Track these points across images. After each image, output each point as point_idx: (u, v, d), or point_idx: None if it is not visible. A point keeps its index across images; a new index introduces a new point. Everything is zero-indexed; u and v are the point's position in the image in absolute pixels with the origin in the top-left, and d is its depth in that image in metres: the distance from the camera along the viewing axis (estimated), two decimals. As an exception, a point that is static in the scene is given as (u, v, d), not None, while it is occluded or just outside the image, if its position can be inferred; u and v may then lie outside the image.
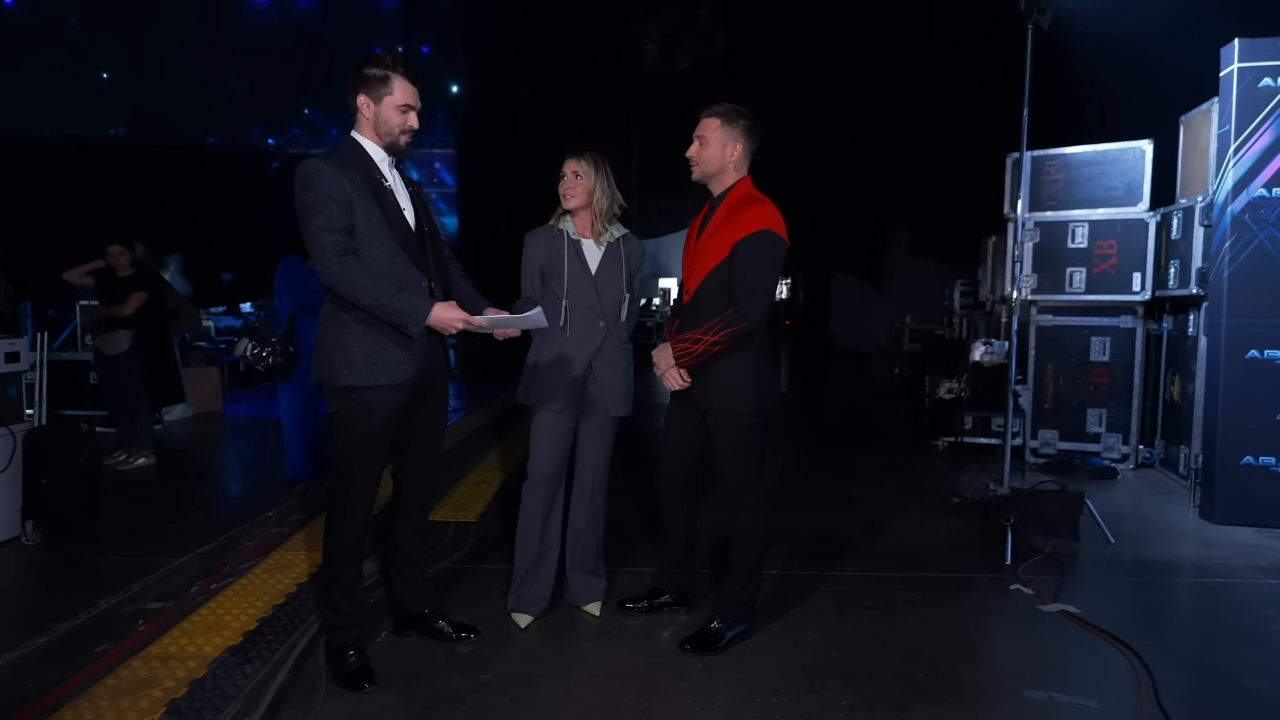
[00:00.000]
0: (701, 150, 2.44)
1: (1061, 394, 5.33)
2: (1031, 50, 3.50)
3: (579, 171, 2.64)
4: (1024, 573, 3.22)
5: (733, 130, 2.43)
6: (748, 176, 2.50)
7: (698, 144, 2.44)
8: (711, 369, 2.43)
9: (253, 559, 3.30)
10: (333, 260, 2.13)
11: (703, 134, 2.43)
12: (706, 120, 2.44)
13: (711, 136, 2.42)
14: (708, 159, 2.44)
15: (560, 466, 2.73)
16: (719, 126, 2.42)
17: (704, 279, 2.44)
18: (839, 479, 4.91)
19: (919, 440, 6.07)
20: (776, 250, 2.40)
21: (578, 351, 2.65)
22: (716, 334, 2.33)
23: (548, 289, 2.69)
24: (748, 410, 2.46)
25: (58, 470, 3.51)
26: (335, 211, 2.15)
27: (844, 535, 3.76)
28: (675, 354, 2.39)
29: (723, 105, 2.44)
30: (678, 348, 2.39)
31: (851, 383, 9.85)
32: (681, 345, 2.38)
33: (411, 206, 2.34)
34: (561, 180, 2.66)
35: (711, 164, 2.45)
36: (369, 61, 2.26)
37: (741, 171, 2.49)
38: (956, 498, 4.15)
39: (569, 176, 2.65)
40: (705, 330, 2.34)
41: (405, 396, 2.29)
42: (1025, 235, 5.24)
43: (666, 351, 2.44)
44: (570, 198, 2.64)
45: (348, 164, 2.22)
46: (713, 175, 2.47)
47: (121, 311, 4.88)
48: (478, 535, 3.68)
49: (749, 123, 2.45)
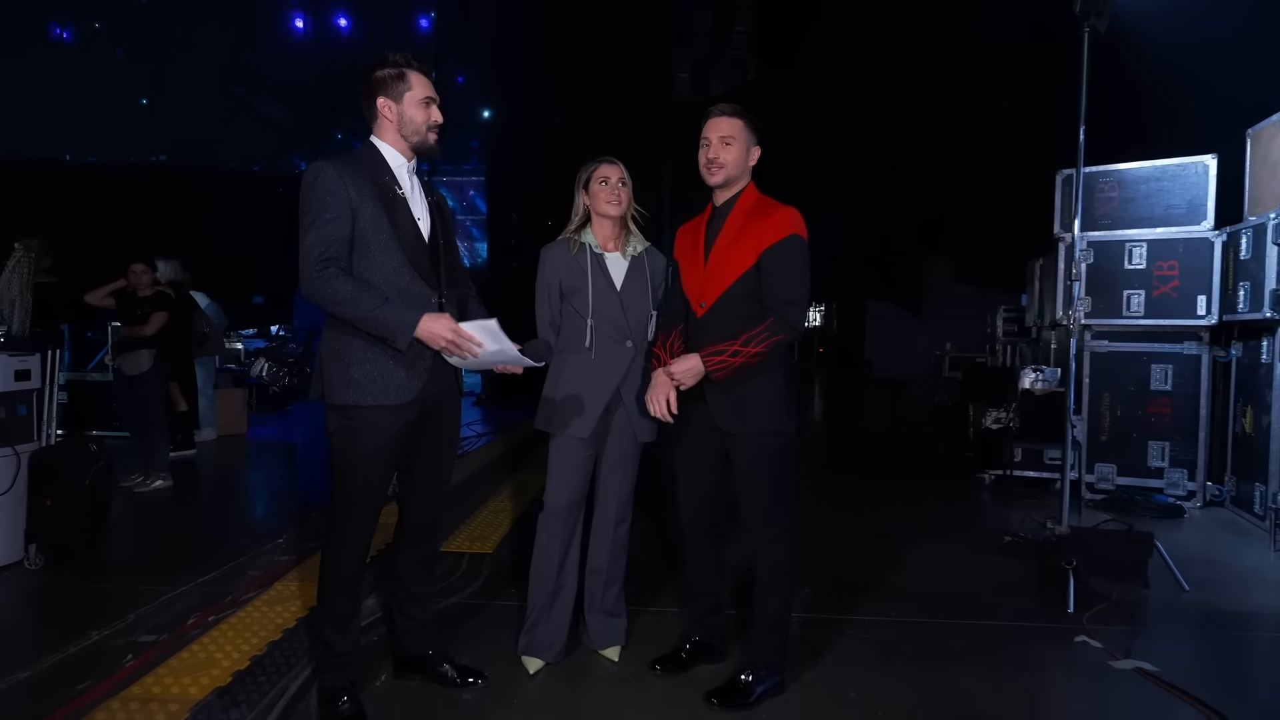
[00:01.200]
0: (727, 151, 2.23)
1: (1119, 425, 4.97)
2: (1088, 57, 3.26)
3: (625, 179, 2.49)
4: (1089, 622, 2.90)
5: (753, 133, 2.28)
6: (752, 182, 2.34)
7: (721, 144, 2.23)
8: (739, 387, 2.23)
9: (256, 589, 3.13)
10: (313, 271, 1.98)
11: (729, 134, 2.23)
12: (729, 120, 2.24)
13: (738, 136, 2.24)
14: (734, 161, 2.24)
15: (580, 497, 2.52)
16: (744, 128, 2.25)
17: (725, 291, 2.24)
18: (878, 513, 4.61)
19: (963, 472, 5.73)
20: (807, 255, 2.24)
21: (604, 374, 2.45)
22: (760, 344, 2.13)
23: (569, 307, 2.50)
24: (778, 428, 2.27)
25: (63, 492, 3.41)
26: (333, 220, 2.00)
27: (884, 574, 3.47)
28: (709, 366, 2.16)
29: (736, 105, 2.27)
30: (712, 360, 2.15)
31: (889, 411, 9.49)
32: (717, 359, 2.15)
33: (428, 217, 2.19)
34: (603, 185, 2.47)
35: (737, 166, 2.26)
36: (378, 64, 2.13)
37: (748, 176, 2.33)
38: (1008, 536, 3.83)
39: (613, 183, 2.47)
40: (745, 341, 2.14)
41: (408, 417, 2.11)
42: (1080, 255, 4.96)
43: (691, 365, 2.18)
44: (616, 204, 2.46)
45: (358, 168, 2.08)
46: (735, 179, 2.28)
47: (142, 331, 4.83)
48: (492, 568, 3.48)
49: (757, 119, 2.30)
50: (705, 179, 2.30)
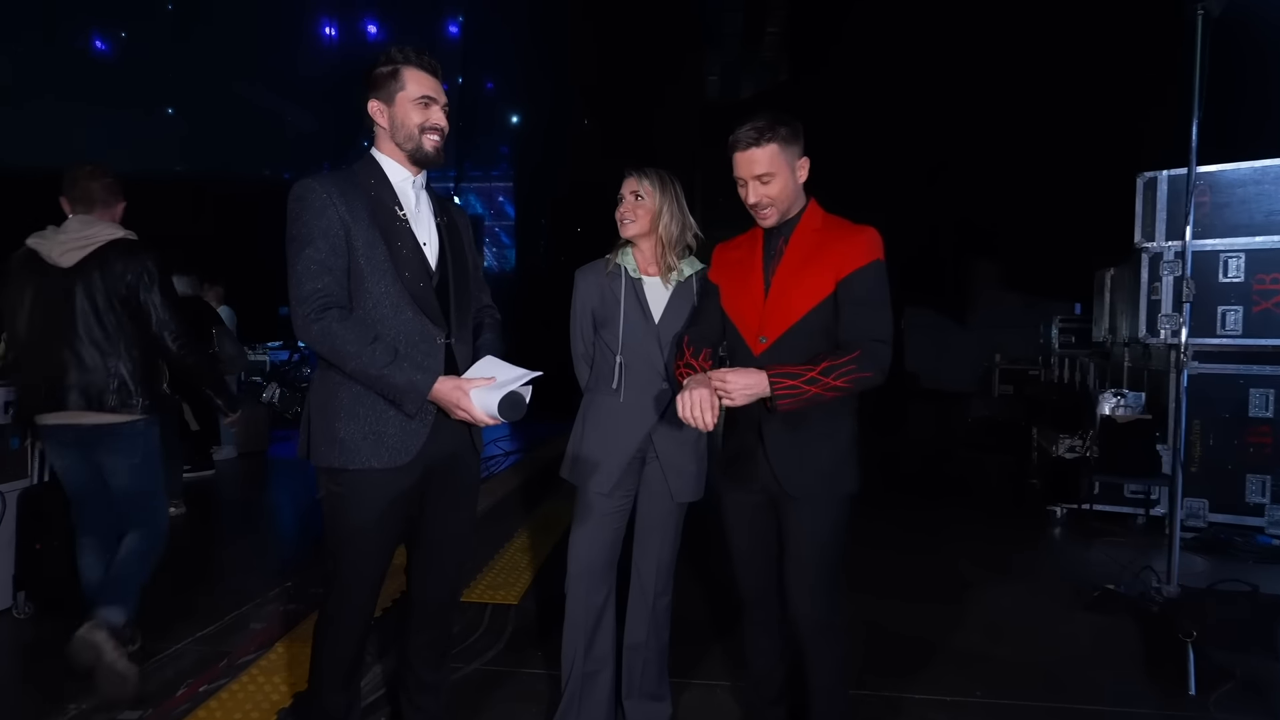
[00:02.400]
0: (769, 188, 1.85)
1: (1211, 455, 4.47)
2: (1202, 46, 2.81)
3: (640, 192, 2.11)
4: (1217, 709, 2.46)
5: (793, 146, 1.86)
6: (813, 198, 1.96)
7: (759, 184, 1.85)
8: (806, 430, 1.85)
9: (255, 649, 2.82)
10: (311, 316, 1.64)
11: (765, 170, 1.83)
12: (758, 150, 1.82)
13: (777, 166, 1.83)
14: (783, 194, 1.86)
15: (609, 562, 2.16)
16: (779, 151, 1.83)
17: (795, 325, 1.85)
18: (936, 554, 4.15)
19: (1029, 503, 5.26)
20: (887, 284, 1.87)
21: (634, 420, 2.09)
22: (843, 378, 1.74)
23: (600, 340, 2.15)
24: (848, 492, 1.91)
25: (53, 535, 3.13)
26: (325, 249, 1.66)
27: (954, 637, 3.04)
28: (776, 390, 1.72)
29: (761, 125, 1.82)
30: (781, 383, 1.72)
31: (936, 428, 8.97)
32: (789, 381, 1.72)
33: (436, 240, 1.83)
34: (619, 203, 2.14)
35: (787, 198, 1.88)
36: (375, 62, 1.79)
37: (803, 194, 1.95)
38: (1097, 590, 3.38)
39: (627, 198, 2.12)
40: (826, 370, 1.73)
41: (408, 481, 1.77)
42: (1168, 269, 4.47)
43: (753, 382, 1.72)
44: (629, 223, 2.11)
45: (351, 185, 1.74)
46: (790, 207, 1.91)
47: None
48: (518, 622, 3.12)
49: (793, 127, 1.87)
50: (758, 222, 1.93)
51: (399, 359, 1.66)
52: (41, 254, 2.46)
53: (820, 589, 1.88)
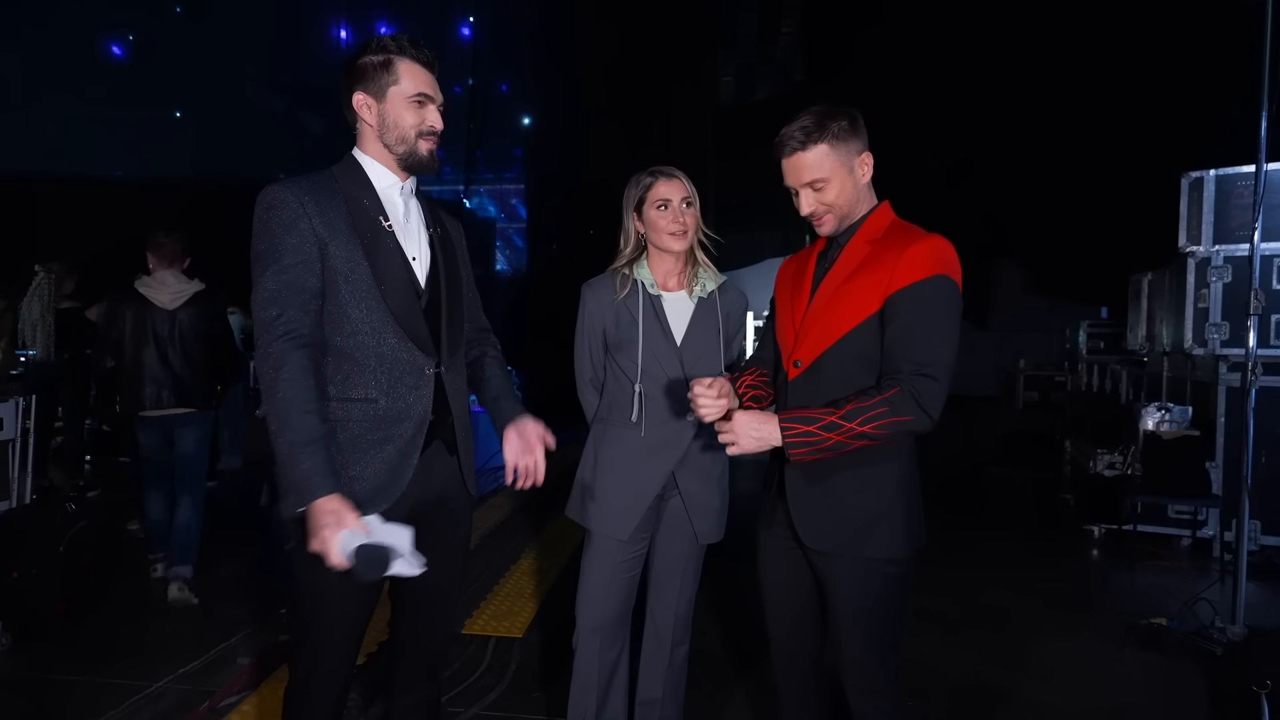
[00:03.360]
0: (824, 194, 1.58)
1: (1264, 474, 4.17)
2: (1275, 32, 2.56)
3: (691, 198, 1.88)
4: (1299, 772, 2.21)
5: (849, 143, 1.57)
6: (886, 201, 1.65)
7: (813, 191, 1.58)
8: (825, 490, 1.57)
9: (239, 690, 2.62)
10: (268, 348, 1.41)
11: (817, 176, 1.56)
12: (806, 154, 1.56)
13: (829, 169, 1.56)
14: (840, 199, 1.59)
15: (623, 613, 1.94)
16: (830, 151, 1.56)
17: (831, 346, 1.57)
18: (965, 577, 3.89)
19: (1064, 522, 4.99)
20: (958, 307, 1.55)
21: (655, 456, 1.87)
22: (873, 423, 1.45)
23: (614, 365, 1.92)
24: (897, 556, 1.58)
25: (31, 562, 2.96)
26: (292, 266, 1.44)
27: (996, 679, 2.79)
28: (787, 437, 1.47)
29: (808, 124, 1.56)
30: (792, 430, 1.47)
31: (960, 437, 8.66)
32: (803, 428, 1.46)
33: (428, 255, 1.60)
34: (662, 211, 1.87)
35: (846, 202, 1.59)
36: (362, 49, 1.57)
37: (871, 194, 1.64)
38: (1147, 623, 3.12)
39: (675, 206, 1.86)
40: (850, 414, 1.45)
41: None
42: (1216, 274, 4.20)
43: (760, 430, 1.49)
44: (681, 234, 1.86)
45: (329, 193, 1.51)
46: (852, 210, 1.62)
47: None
48: (522, 658, 2.91)
49: (849, 118, 1.58)
50: (817, 231, 1.65)
51: (319, 444, 1.39)
52: (149, 298, 3.46)
53: (868, 646, 1.60)
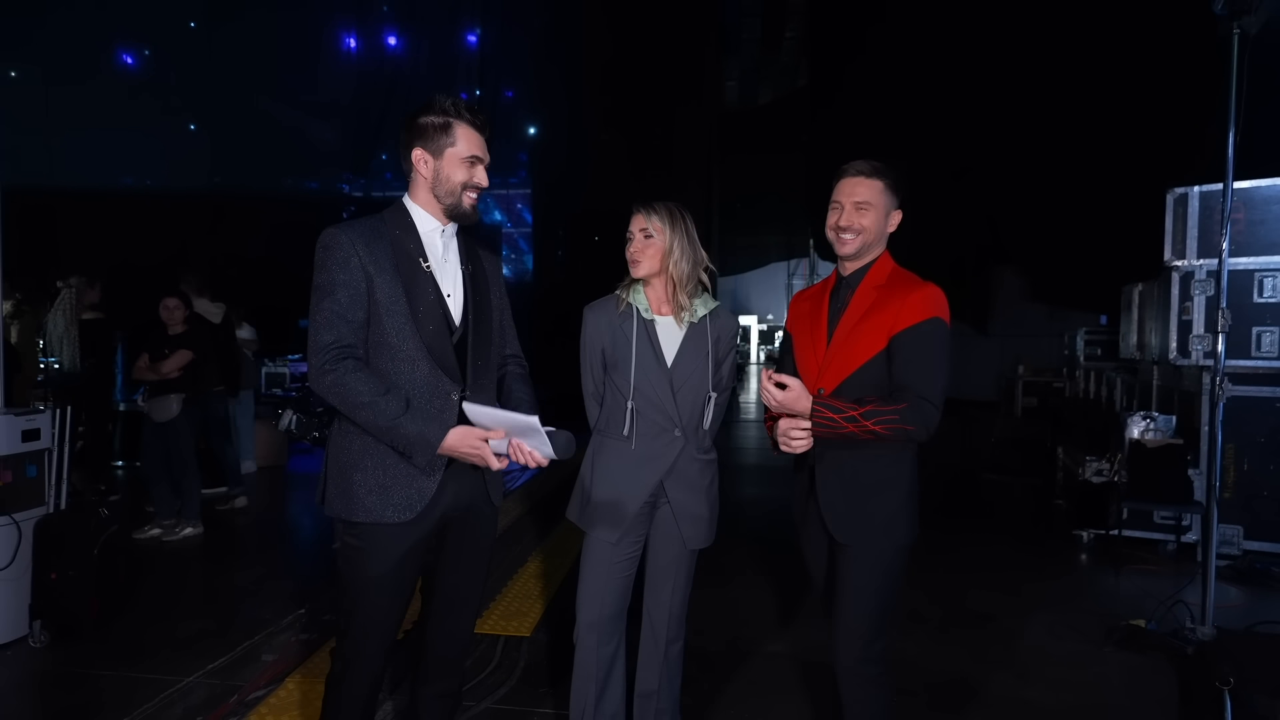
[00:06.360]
0: (862, 216, 1.90)
1: (1245, 481, 4.33)
2: (1239, 64, 2.71)
3: (650, 230, 2.05)
4: (1257, 763, 2.35)
5: (894, 195, 1.94)
6: (887, 250, 1.98)
7: (855, 210, 1.90)
8: (855, 488, 1.88)
9: (265, 685, 2.79)
10: (325, 366, 1.63)
11: (866, 199, 1.89)
12: (868, 182, 1.91)
13: (877, 201, 1.90)
14: (872, 229, 1.90)
15: (620, 610, 2.11)
16: (884, 190, 1.92)
17: (850, 376, 1.88)
18: (955, 580, 4.05)
19: (1056, 527, 5.13)
20: (948, 343, 1.85)
21: (645, 467, 2.04)
22: (882, 424, 1.77)
23: (610, 383, 2.09)
24: (903, 543, 1.91)
25: (69, 564, 3.14)
26: (345, 300, 1.66)
27: (977, 676, 2.95)
28: (814, 417, 1.81)
29: (877, 164, 1.94)
30: (821, 413, 1.80)
31: (956, 442, 8.80)
32: (828, 413, 1.80)
33: (461, 292, 1.80)
34: (629, 242, 2.08)
35: (873, 235, 1.92)
36: (424, 109, 1.75)
37: (884, 244, 1.97)
38: (1126, 625, 3.27)
39: (637, 237, 2.06)
40: (867, 414, 1.77)
41: (421, 534, 1.74)
42: (1200, 288, 4.34)
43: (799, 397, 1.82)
44: (638, 264, 2.06)
45: (377, 235, 1.72)
46: (870, 247, 1.93)
47: (160, 371, 4.59)
48: (530, 657, 3.08)
49: (898, 178, 1.96)
50: (834, 246, 1.94)
51: (411, 410, 1.65)
52: (203, 316, 5.08)
53: (865, 625, 1.87)
